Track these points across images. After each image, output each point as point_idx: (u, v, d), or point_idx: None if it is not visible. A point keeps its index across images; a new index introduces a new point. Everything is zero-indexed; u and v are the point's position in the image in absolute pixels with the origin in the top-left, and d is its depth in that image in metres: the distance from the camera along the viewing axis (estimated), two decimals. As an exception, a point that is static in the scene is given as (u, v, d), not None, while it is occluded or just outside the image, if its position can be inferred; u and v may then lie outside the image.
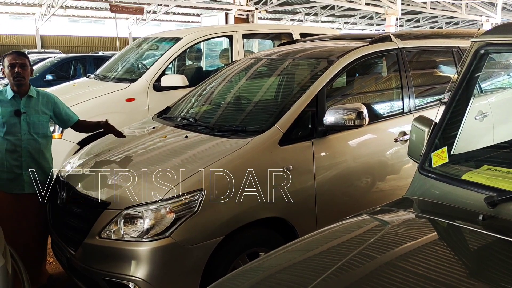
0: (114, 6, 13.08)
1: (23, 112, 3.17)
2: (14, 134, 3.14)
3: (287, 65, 3.83)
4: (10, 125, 3.13)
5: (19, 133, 3.16)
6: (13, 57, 3.14)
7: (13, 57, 3.14)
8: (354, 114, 2.97)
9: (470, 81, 1.89)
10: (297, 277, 1.49)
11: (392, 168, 3.52)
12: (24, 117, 3.17)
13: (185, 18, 28.14)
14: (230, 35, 5.98)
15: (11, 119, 3.14)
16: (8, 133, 3.13)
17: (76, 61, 12.37)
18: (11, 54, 3.18)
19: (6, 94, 3.18)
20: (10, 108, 3.14)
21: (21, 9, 24.67)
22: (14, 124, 3.14)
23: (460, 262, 1.41)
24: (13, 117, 3.14)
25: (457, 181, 1.70)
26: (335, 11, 27.71)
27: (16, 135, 3.15)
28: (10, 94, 3.16)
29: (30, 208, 3.23)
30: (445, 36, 4.25)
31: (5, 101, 3.16)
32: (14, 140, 3.14)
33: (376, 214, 1.76)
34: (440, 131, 1.87)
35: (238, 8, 12.00)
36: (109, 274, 2.59)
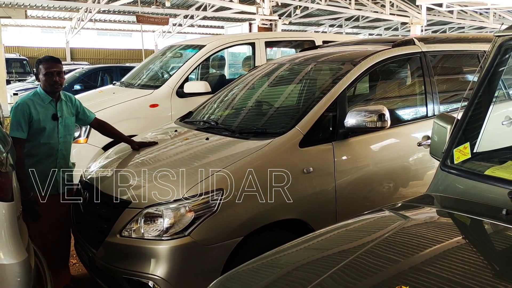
0: (140, 17, 13.37)
1: (60, 116, 3.21)
2: (53, 138, 3.17)
3: (309, 69, 3.82)
4: (49, 129, 3.15)
5: (57, 137, 3.19)
6: (50, 65, 3.12)
7: (50, 64, 3.13)
8: (376, 116, 2.93)
9: (494, 76, 1.84)
10: (314, 275, 1.47)
11: (415, 173, 3.45)
12: (61, 121, 3.21)
13: (210, 30, 28.52)
14: (252, 43, 6.02)
15: (50, 123, 3.15)
16: (47, 137, 3.14)
17: (103, 72, 12.65)
18: (47, 61, 3.15)
19: (42, 98, 3.17)
20: (48, 113, 3.15)
21: (52, 23, 25.47)
22: (52, 128, 3.17)
23: (484, 257, 1.37)
24: (52, 122, 3.16)
25: (480, 176, 1.66)
26: (360, 22, 27.61)
27: (54, 139, 3.18)
28: (47, 99, 3.16)
29: (61, 207, 3.26)
30: (471, 41, 4.17)
31: (42, 106, 3.15)
32: (52, 144, 3.17)
33: (397, 209, 1.72)
34: (462, 127, 1.83)
35: (261, 18, 12.09)
36: (129, 272, 2.61)
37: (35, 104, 3.11)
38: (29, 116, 3.07)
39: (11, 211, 2.10)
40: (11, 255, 2.06)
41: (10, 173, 2.18)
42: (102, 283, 2.86)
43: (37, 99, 3.15)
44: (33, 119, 3.08)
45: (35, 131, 3.10)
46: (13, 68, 18.17)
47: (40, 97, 3.16)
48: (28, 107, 3.08)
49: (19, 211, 2.32)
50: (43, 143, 3.14)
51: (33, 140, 3.11)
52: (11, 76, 16.76)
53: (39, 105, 3.13)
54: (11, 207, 2.10)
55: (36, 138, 3.12)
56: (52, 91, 3.15)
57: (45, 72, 3.11)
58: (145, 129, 4.46)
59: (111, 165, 3.25)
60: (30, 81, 14.82)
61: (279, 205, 2.74)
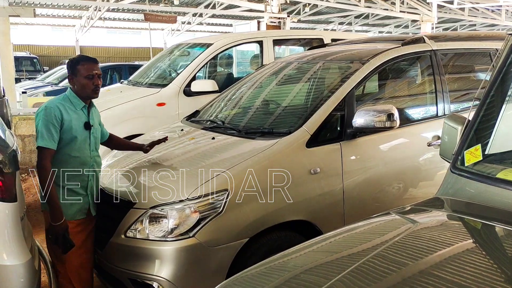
0: (148, 15, 13.37)
1: (92, 125, 2.77)
2: (84, 151, 2.72)
3: (317, 68, 3.77)
4: (82, 140, 2.70)
5: (88, 150, 2.75)
6: (91, 66, 2.69)
7: (91, 66, 2.69)
8: (385, 116, 2.88)
9: (506, 75, 1.79)
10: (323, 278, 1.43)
11: (426, 174, 3.39)
12: (93, 131, 2.77)
13: (219, 28, 28.49)
14: (260, 41, 5.98)
15: (83, 133, 2.70)
16: (78, 149, 2.68)
17: (112, 70, 12.71)
18: (87, 61, 2.71)
19: (73, 103, 2.70)
20: (80, 120, 2.70)
21: (62, 21, 25.58)
22: (85, 139, 2.72)
23: (494, 263, 1.32)
24: (84, 131, 2.71)
25: (491, 179, 1.60)
26: (369, 20, 27.37)
27: (85, 153, 2.73)
28: (80, 104, 2.72)
29: (90, 230, 2.82)
30: (483, 38, 4.09)
31: (74, 111, 2.69)
32: (83, 158, 2.72)
33: (405, 213, 1.68)
34: (473, 128, 1.78)
35: (270, 16, 12.03)
36: (134, 273, 2.59)
37: (66, 109, 2.65)
38: (61, 122, 2.60)
39: (14, 212, 2.09)
40: (14, 256, 2.05)
41: (13, 173, 2.17)
42: (107, 284, 2.85)
43: (68, 104, 2.68)
44: (64, 126, 2.61)
45: (66, 141, 2.63)
46: (23, 67, 18.31)
47: (72, 102, 2.70)
48: (60, 112, 2.60)
49: (23, 211, 2.31)
50: (73, 157, 2.67)
51: (60, 152, 2.63)
52: (21, 74, 16.89)
53: (71, 110, 2.67)
54: (14, 208, 2.09)
55: (64, 151, 2.64)
56: (91, 96, 2.73)
57: (87, 75, 2.67)
58: (152, 127, 4.45)
59: (116, 165, 3.23)
60: (40, 79, 14.91)
61: (285, 206, 2.70)
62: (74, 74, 2.70)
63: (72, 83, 2.72)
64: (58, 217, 2.54)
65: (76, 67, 2.69)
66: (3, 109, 4.63)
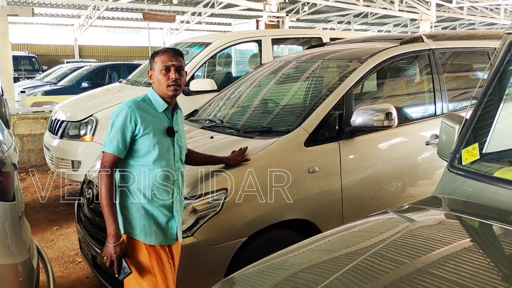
0: (146, 14, 13.37)
1: (176, 131, 2.30)
2: (167, 161, 2.24)
3: (315, 67, 3.77)
4: (164, 148, 2.22)
5: (172, 161, 2.27)
6: (168, 57, 2.21)
7: (168, 56, 2.21)
8: (383, 115, 2.88)
9: (504, 74, 1.79)
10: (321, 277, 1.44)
11: (424, 173, 3.40)
12: (177, 138, 2.29)
13: (218, 27, 28.50)
14: (259, 40, 5.98)
15: (165, 140, 2.23)
16: (160, 159, 2.20)
17: (111, 69, 12.71)
18: (165, 52, 2.25)
19: (154, 104, 2.25)
20: (162, 125, 2.23)
21: (61, 20, 25.57)
22: (168, 147, 2.24)
23: (491, 261, 1.32)
24: (166, 139, 2.24)
25: (488, 178, 1.61)
26: (368, 18, 27.39)
27: (169, 164, 2.24)
28: (162, 105, 2.24)
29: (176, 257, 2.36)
30: (481, 37, 4.09)
31: (153, 114, 2.22)
32: (166, 171, 2.23)
33: (403, 212, 1.68)
34: (471, 127, 1.78)
35: (268, 15, 12.04)
36: (132, 272, 2.58)
37: (145, 111, 2.20)
38: (135, 127, 2.15)
39: (12, 211, 2.09)
40: (12, 255, 2.05)
41: (11, 173, 2.17)
42: (106, 282, 2.84)
43: (147, 105, 2.23)
44: (142, 132, 2.16)
45: (144, 151, 2.19)
46: (22, 66, 18.30)
47: (152, 104, 2.24)
48: (135, 114, 2.15)
49: (21, 211, 2.31)
50: (153, 169, 2.20)
51: (137, 164, 2.20)
52: (20, 73, 16.88)
53: (150, 113, 2.21)
54: (12, 207, 2.09)
55: (143, 162, 2.19)
56: (167, 94, 2.22)
57: (162, 66, 2.20)
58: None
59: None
60: (39, 78, 14.91)
61: (283, 205, 2.71)
62: (151, 69, 2.28)
63: (151, 80, 2.29)
64: (116, 236, 2.10)
65: (153, 60, 2.26)
66: (2, 109, 4.62)
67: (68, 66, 14.91)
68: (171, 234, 2.26)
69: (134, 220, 2.19)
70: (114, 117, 2.17)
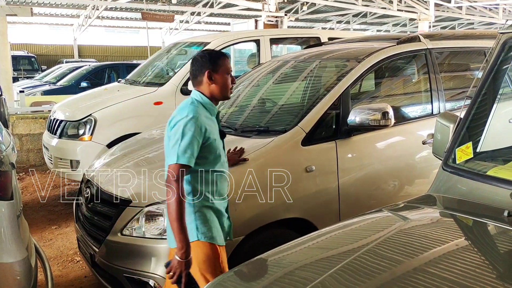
0: (145, 14, 13.38)
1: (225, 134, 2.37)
2: (224, 163, 2.30)
3: (313, 67, 3.79)
4: (223, 151, 2.29)
5: (226, 161, 2.34)
6: (228, 62, 2.27)
7: (228, 61, 2.26)
8: (379, 114, 2.90)
9: (498, 74, 1.81)
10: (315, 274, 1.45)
11: (421, 172, 3.41)
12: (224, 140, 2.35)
13: (217, 27, 28.50)
14: (257, 40, 5.99)
15: (220, 143, 2.27)
16: (222, 164, 2.26)
17: (110, 69, 12.71)
18: (226, 56, 2.28)
19: (208, 109, 2.22)
20: (216, 128, 2.26)
21: (60, 20, 25.55)
22: (222, 150, 2.29)
23: (484, 260, 1.34)
24: (220, 141, 2.28)
25: (482, 176, 1.62)
26: (367, 18, 27.39)
27: (225, 164, 2.31)
28: (215, 110, 2.27)
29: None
30: (478, 37, 4.11)
31: (211, 119, 2.22)
32: (225, 172, 2.30)
33: (398, 210, 1.69)
34: (465, 126, 1.80)
35: (267, 15, 12.05)
36: (130, 271, 2.60)
37: (206, 117, 2.18)
38: (204, 135, 2.13)
39: (11, 210, 2.10)
40: (10, 254, 2.06)
41: (10, 172, 2.18)
42: (104, 281, 2.86)
43: (204, 111, 2.19)
44: (210, 140, 2.16)
45: (212, 157, 2.20)
46: (21, 66, 18.29)
47: (207, 109, 2.21)
48: (203, 123, 2.13)
49: (19, 210, 2.32)
50: (220, 173, 2.25)
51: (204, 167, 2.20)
52: (20, 73, 16.88)
53: (208, 119, 2.20)
54: (10, 206, 2.10)
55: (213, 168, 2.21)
56: (227, 97, 2.29)
57: (228, 70, 2.23)
58: (149, 126, 4.46)
59: (113, 163, 3.24)
60: (38, 78, 14.91)
61: (281, 204, 2.72)
62: (215, 70, 2.20)
63: (210, 82, 2.21)
64: (187, 251, 2.05)
65: (218, 61, 2.21)
66: (0, 108, 4.64)
67: (67, 66, 14.90)
68: (225, 234, 2.32)
69: (208, 224, 2.19)
70: (183, 127, 2.08)
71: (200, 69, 2.22)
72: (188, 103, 2.19)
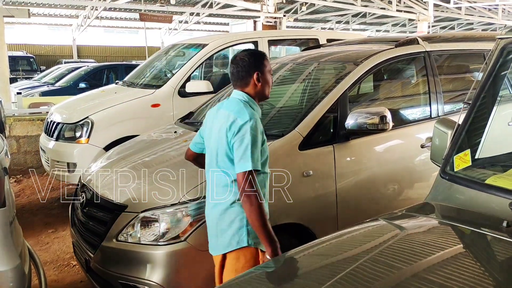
0: (143, 15, 13.35)
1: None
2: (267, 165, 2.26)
3: (310, 69, 3.76)
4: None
5: None
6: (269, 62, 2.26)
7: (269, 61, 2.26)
8: (377, 118, 2.87)
9: (496, 79, 1.78)
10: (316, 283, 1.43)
11: (419, 175, 3.39)
12: None
13: (216, 27, 28.47)
14: (255, 41, 5.97)
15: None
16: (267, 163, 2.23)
17: (108, 70, 12.67)
18: (267, 57, 2.27)
19: (257, 110, 2.20)
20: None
21: (59, 21, 25.50)
22: None
23: (482, 271, 1.31)
24: None
25: (480, 185, 1.60)
26: (367, 18, 27.36)
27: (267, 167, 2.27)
28: (260, 110, 2.25)
29: None
30: (477, 39, 4.08)
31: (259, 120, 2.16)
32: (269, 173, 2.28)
33: (394, 219, 1.67)
34: (463, 133, 1.77)
35: (266, 16, 12.01)
36: (125, 277, 2.57)
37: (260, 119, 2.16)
38: (262, 138, 2.13)
39: (3, 217, 2.07)
40: (2, 261, 2.03)
41: (2, 178, 2.15)
42: (99, 287, 2.83)
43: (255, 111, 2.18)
44: (265, 141, 2.17)
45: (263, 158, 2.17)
46: (20, 66, 18.25)
47: (255, 110, 2.18)
48: (261, 126, 2.14)
49: (12, 216, 2.29)
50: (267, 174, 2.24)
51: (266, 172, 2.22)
52: (18, 74, 16.84)
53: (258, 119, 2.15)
54: (2, 213, 2.07)
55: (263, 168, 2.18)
56: (268, 97, 2.27)
57: (271, 73, 2.23)
58: (146, 129, 4.43)
59: (109, 167, 3.21)
60: (37, 79, 14.86)
61: (278, 209, 2.69)
62: (262, 72, 2.17)
63: (257, 83, 2.18)
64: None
65: (264, 62, 2.19)
66: (-3, 112, 4.61)
67: (66, 66, 14.85)
68: None
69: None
70: (250, 132, 2.04)
71: (247, 70, 2.16)
72: (241, 106, 2.13)
